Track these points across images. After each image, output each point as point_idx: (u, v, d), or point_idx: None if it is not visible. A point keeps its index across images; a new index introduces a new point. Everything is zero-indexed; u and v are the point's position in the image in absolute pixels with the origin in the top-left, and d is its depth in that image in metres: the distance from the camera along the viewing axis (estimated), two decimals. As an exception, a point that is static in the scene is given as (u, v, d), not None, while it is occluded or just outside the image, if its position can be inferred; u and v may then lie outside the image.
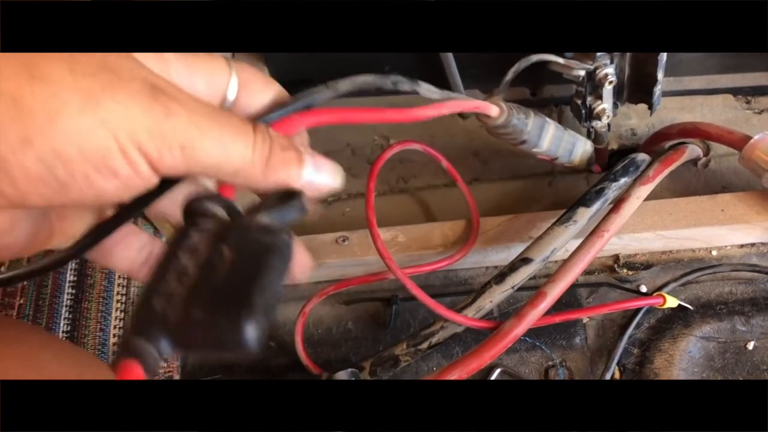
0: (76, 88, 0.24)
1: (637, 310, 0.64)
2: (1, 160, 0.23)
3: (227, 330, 0.26)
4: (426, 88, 0.45)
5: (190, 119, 0.25)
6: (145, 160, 0.25)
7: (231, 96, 0.31)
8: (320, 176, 0.31)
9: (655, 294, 0.63)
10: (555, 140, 0.63)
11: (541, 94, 0.78)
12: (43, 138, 0.23)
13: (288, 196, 0.31)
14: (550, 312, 0.58)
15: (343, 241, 0.69)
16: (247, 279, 0.27)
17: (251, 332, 0.26)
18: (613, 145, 0.76)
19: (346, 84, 0.37)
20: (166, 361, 0.61)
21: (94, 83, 0.24)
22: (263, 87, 0.32)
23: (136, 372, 0.27)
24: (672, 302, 0.62)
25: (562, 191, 0.74)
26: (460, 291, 0.69)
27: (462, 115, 0.81)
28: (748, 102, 0.78)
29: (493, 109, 0.56)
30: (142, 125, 0.24)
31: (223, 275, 0.27)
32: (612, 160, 0.74)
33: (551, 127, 0.62)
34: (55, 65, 0.23)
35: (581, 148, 0.67)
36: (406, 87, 0.43)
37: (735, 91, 0.78)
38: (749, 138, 0.63)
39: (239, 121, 0.28)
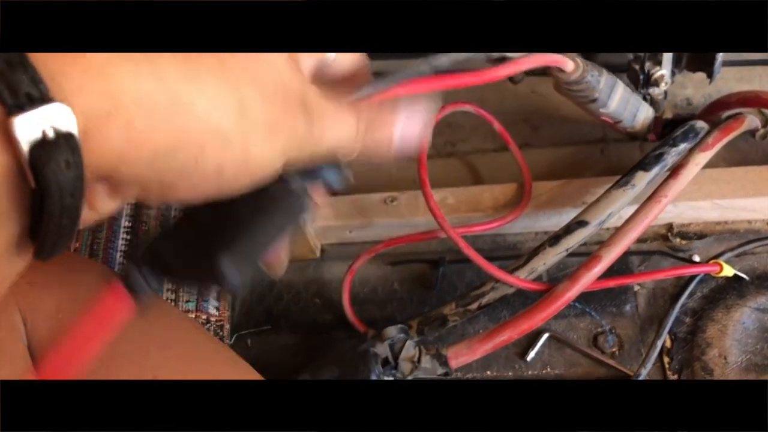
0: (265, 121, 0.25)
1: (691, 279, 0.63)
2: (192, 185, 0.24)
3: (206, 265, 0.28)
4: (512, 54, 0.49)
5: (321, 131, 0.28)
6: (282, 168, 0.27)
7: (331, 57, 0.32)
8: (409, 133, 0.32)
9: (711, 261, 0.62)
10: (622, 102, 0.62)
11: (595, 59, 0.77)
12: (234, 168, 0.24)
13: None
14: (602, 278, 0.57)
15: (392, 201, 0.69)
16: (240, 223, 0.28)
17: (227, 270, 0.27)
18: (668, 114, 0.74)
19: (444, 60, 0.38)
20: (155, 291, 0.61)
21: (274, 112, 0.25)
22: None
23: (120, 293, 0.28)
24: (728, 271, 0.61)
25: (614, 158, 0.73)
26: (508, 255, 0.68)
27: (513, 80, 0.79)
28: (808, 75, 0.76)
29: (569, 64, 0.55)
30: (296, 147, 0.27)
31: (222, 217, 0.28)
32: (666, 130, 0.73)
33: (620, 88, 0.61)
34: (254, 97, 0.24)
35: (644, 113, 0.65)
36: (497, 56, 0.48)
37: (796, 63, 0.76)
38: (813, 108, 0.61)
39: (348, 113, 0.29)
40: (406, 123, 0.31)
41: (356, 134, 0.29)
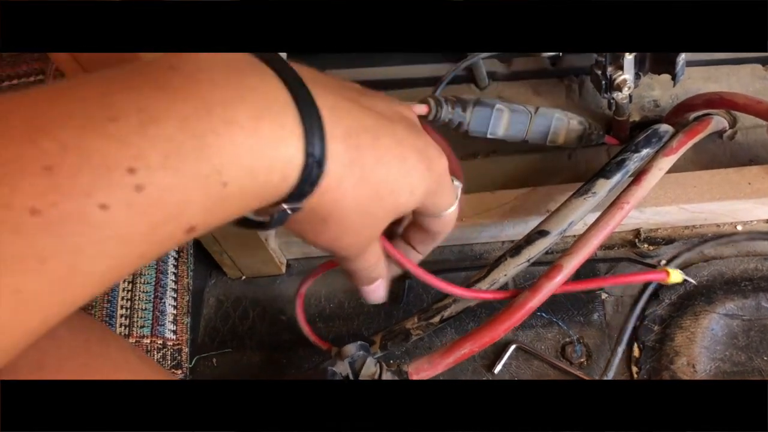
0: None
1: (656, 286, 0.62)
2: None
3: None
4: None
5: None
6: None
7: None
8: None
9: (659, 269, 0.61)
10: (515, 125, 0.62)
11: (561, 64, 0.76)
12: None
13: None
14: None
15: (356, 214, 0.68)
16: None
17: None
18: (635, 117, 0.73)
19: None
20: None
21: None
22: None
23: None
24: (676, 277, 0.59)
25: (582, 164, 0.72)
26: (475, 266, 0.67)
27: (479, 85, 0.79)
28: (777, 72, 0.75)
29: (418, 108, 0.59)
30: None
31: None
32: (633, 133, 0.72)
33: (505, 114, 0.62)
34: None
35: (563, 127, 0.64)
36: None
37: (764, 61, 0.74)
38: (778, 108, 0.60)
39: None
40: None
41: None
